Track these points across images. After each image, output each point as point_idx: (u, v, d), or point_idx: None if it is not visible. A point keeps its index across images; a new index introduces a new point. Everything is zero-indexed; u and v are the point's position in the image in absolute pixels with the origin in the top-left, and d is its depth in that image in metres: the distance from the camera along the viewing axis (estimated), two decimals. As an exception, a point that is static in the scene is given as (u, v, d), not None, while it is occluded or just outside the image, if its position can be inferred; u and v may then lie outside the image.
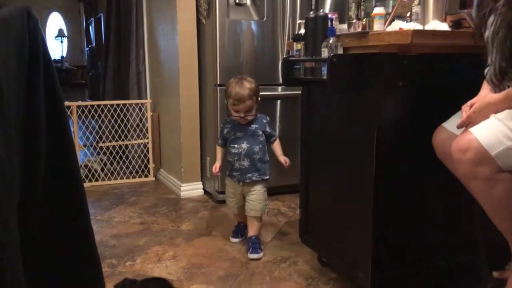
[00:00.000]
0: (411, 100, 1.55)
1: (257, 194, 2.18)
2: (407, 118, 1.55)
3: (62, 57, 10.12)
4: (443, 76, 1.58)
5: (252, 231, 2.22)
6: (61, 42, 10.16)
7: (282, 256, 2.15)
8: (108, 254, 2.19)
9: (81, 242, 0.98)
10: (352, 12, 2.08)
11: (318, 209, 2.00)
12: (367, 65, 1.49)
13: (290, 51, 2.10)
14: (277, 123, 2.99)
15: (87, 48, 7.22)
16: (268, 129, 2.20)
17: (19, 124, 0.85)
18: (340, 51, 1.57)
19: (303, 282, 1.90)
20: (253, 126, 2.16)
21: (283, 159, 2.21)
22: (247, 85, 2.08)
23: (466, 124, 1.33)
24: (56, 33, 10.06)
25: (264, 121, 2.20)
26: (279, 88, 2.95)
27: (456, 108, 1.45)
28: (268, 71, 2.92)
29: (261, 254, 2.14)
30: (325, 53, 1.57)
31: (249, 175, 2.16)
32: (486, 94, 1.37)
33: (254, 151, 2.14)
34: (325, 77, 1.55)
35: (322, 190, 1.94)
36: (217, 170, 2.23)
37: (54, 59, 9.92)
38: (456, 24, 1.55)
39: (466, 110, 1.35)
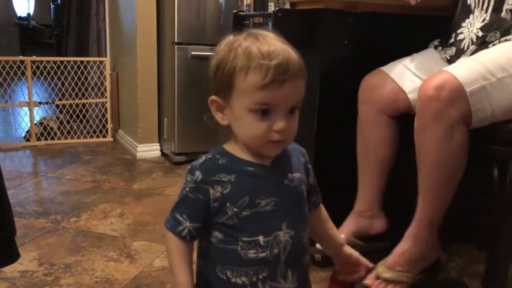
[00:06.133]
0: (355, 60, 1.53)
1: None
2: (349, 77, 1.53)
3: (28, 14, 9.73)
4: (389, 36, 1.56)
5: None
6: (28, -1, 9.75)
7: (230, 216, 2.15)
8: (54, 210, 2.15)
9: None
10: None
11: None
12: (312, 21, 1.46)
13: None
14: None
15: (53, 5, 6.94)
16: (312, 178, 0.87)
17: None
18: (288, 5, 1.53)
19: (247, 241, 1.90)
20: (294, 175, 0.81)
21: (358, 256, 0.95)
22: (289, 47, 0.75)
23: None
24: (23, -11, 9.64)
25: (303, 158, 0.85)
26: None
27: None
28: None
29: None
30: (271, 7, 1.54)
31: None
32: None
33: (303, 246, 0.82)
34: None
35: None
36: None
37: (20, 17, 9.54)
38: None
39: None
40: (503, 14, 1.28)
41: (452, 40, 1.41)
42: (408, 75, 1.41)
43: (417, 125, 1.24)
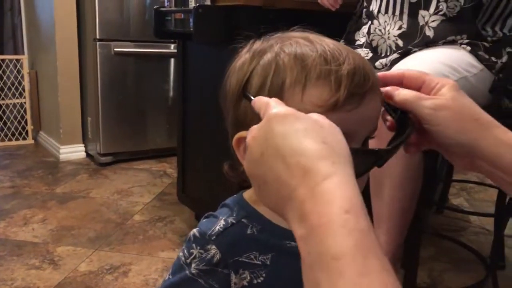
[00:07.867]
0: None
1: None
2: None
3: None
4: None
5: None
6: None
7: (159, 215, 2.12)
8: (-33, 219, 2.01)
9: None
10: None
11: (194, 168, 1.99)
12: (232, 17, 1.47)
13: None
14: (171, 85, 2.89)
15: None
16: None
17: None
18: (208, 1, 1.53)
19: (177, 239, 1.89)
20: None
21: None
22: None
23: None
24: None
25: None
26: (172, 46, 2.81)
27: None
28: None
29: None
30: (192, 3, 1.53)
31: None
32: None
33: None
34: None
35: (198, 149, 1.92)
36: None
37: None
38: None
39: None
40: (426, 31, 1.24)
41: (360, 43, 1.38)
42: None
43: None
